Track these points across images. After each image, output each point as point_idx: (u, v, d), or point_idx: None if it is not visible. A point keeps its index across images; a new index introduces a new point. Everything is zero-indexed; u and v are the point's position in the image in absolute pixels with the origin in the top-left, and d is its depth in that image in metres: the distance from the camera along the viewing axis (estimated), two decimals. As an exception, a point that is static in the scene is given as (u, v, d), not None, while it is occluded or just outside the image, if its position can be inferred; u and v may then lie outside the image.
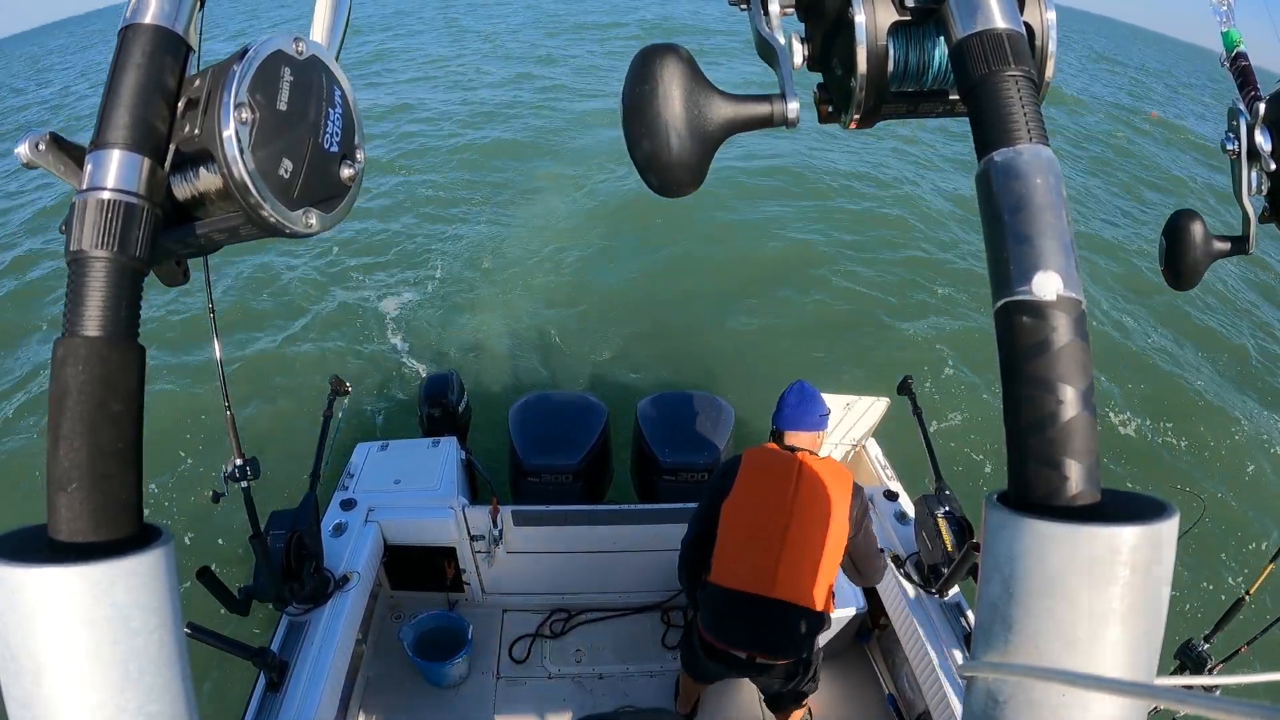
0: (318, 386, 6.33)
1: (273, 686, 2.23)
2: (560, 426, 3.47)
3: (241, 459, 2.06)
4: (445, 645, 3.00)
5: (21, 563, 0.40)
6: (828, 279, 8.61)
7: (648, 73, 0.55)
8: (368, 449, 3.37)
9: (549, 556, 3.21)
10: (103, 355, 0.44)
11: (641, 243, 9.14)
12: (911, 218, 10.64)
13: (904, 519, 3.05)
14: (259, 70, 0.50)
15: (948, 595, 2.70)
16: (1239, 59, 0.94)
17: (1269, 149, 0.83)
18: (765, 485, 2.34)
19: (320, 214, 0.55)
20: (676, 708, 3.00)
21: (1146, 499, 0.43)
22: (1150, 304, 9.03)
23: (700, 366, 6.70)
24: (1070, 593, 0.40)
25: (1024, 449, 0.44)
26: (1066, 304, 0.43)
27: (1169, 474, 6.12)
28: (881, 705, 3.07)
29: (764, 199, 10.72)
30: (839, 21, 0.59)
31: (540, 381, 6.43)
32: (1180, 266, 0.91)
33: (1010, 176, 0.46)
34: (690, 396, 3.66)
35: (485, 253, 9.01)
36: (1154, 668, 0.42)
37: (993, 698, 0.43)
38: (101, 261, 0.45)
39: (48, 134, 0.48)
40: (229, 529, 4.64)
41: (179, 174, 0.50)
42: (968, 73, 0.49)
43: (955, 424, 6.13)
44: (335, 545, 2.79)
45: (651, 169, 0.56)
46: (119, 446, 0.44)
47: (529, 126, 14.33)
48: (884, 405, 3.49)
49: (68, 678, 0.40)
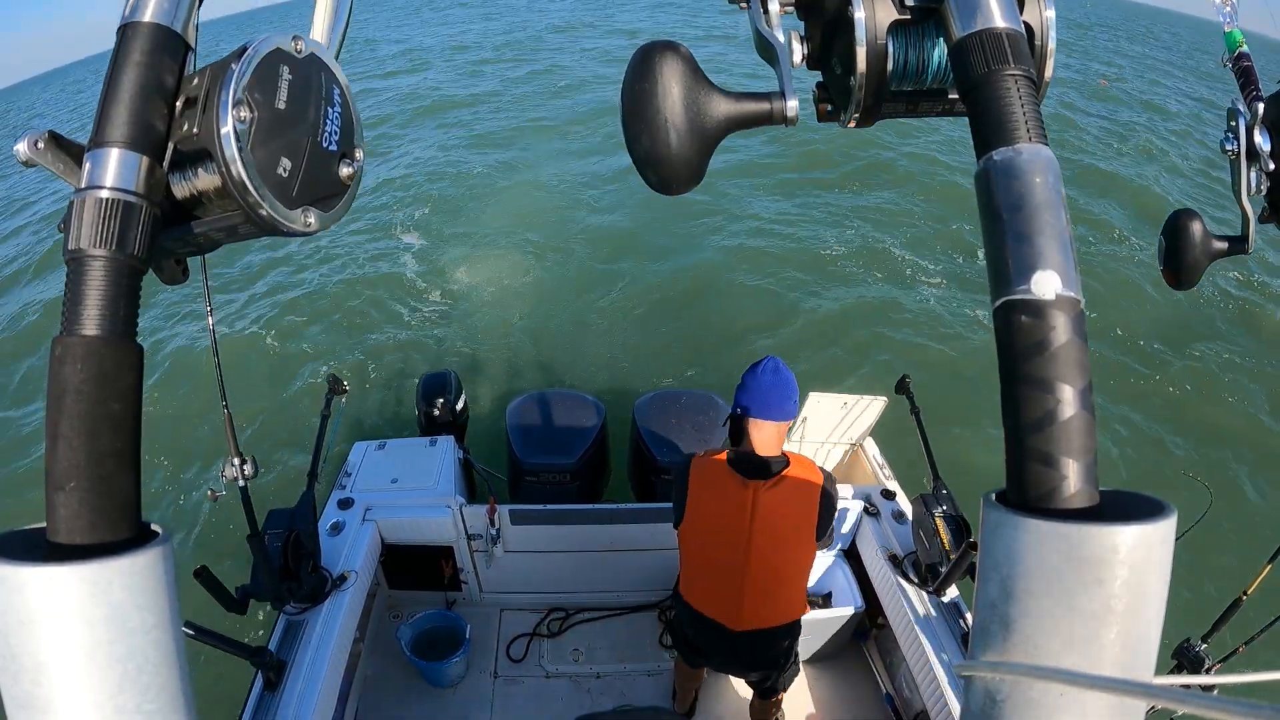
0: (315, 385, 6.34)
1: (270, 686, 2.22)
2: (558, 426, 3.47)
3: (239, 458, 2.05)
4: (443, 644, 3.00)
5: (20, 562, 0.40)
6: (826, 278, 8.61)
7: (647, 70, 0.55)
8: (365, 448, 3.36)
9: (546, 556, 3.21)
10: (101, 354, 0.44)
11: (640, 242, 9.15)
12: (911, 217, 10.64)
13: (901, 518, 3.06)
14: (258, 69, 0.50)
15: (945, 595, 2.70)
16: (1241, 59, 0.94)
17: (1268, 149, 0.83)
18: (718, 515, 2.13)
19: (319, 213, 0.55)
20: (675, 706, 3.00)
21: (1145, 499, 0.43)
22: (1150, 303, 9.04)
23: (698, 365, 6.71)
24: (1068, 592, 0.40)
25: (1022, 448, 0.44)
26: (1065, 303, 0.43)
27: (1169, 473, 6.13)
28: (879, 704, 3.07)
29: (764, 199, 10.72)
30: (838, 20, 0.59)
31: (538, 381, 6.43)
32: (1180, 266, 0.91)
33: (1009, 176, 0.46)
34: (688, 395, 3.66)
35: (485, 252, 9.01)
36: (1152, 667, 0.42)
37: (990, 697, 0.43)
38: (100, 260, 0.45)
39: (46, 132, 0.48)
40: (226, 528, 4.64)
41: (178, 172, 0.50)
42: (967, 72, 0.49)
43: (953, 423, 6.13)
44: (333, 544, 2.79)
45: (650, 166, 0.56)
46: (117, 446, 0.44)
47: (528, 125, 14.32)
48: (881, 404, 3.49)
49: (66, 677, 0.40)
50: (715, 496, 2.14)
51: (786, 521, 2.10)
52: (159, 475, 5.26)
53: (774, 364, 2.12)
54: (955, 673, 2.39)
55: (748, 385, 2.12)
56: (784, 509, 2.10)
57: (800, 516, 2.11)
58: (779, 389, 2.08)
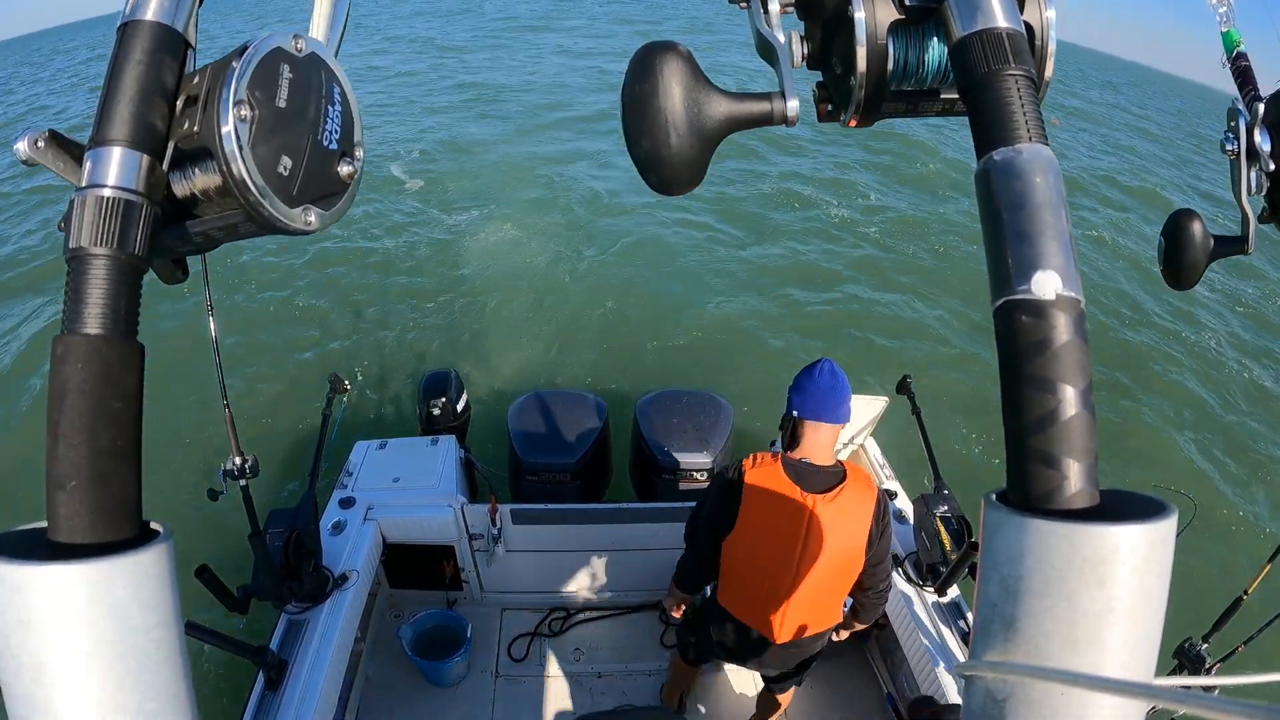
0: (317, 385, 6.33)
1: (272, 685, 2.22)
2: (559, 425, 3.47)
3: (240, 457, 2.06)
4: (444, 644, 3.00)
5: (21, 561, 0.40)
6: (827, 278, 8.61)
7: (647, 70, 0.55)
8: (366, 447, 3.36)
9: (548, 555, 3.21)
10: (102, 353, 0.44)
11: (641, 242, 9.14)
12: (910, 217, 10.64)
13: (903, 518, 3.06)
14: (258, 67, 0.50)
15: (946, 595, 2.70)
16: (1239, 59, 0.94)
17: (1268, 149, 0.83)
18: (773, 526, 2.06)
19: (319, 211, 0.55)
20: (663, 699, 3.00)
21: (1145, 498, 0.43)
22: (1148, 302, 9.03)
23: (699, 365, 6.71)
24: (1069, 592, 0.40)
25: (1023, 448, 0.44)
26: (1066, 303, 0.43)
27: (1168, 473, 6.13)
28: (880, 704, 3.07)
29: (764, 198, 10.71)
30: (839, 20, 0.59)
31: (540, 380, 6.43)
32: (1179, 266, 0.91)
33: (1010, 175, 0.46)
34: (690, 395, 3.65)
35: (485, 251, 9.01)
36: (1152, 667, 0.42)
37: (992, 697, 0.43)
38: (101, 259, 0.45)
39: (47, 131, 0.48)
40: (228, 527, 4.62)
41: (178, 171, 0.50)
42: (968, 71, 0.49)
43: (954, 423, 6.13)
44: (334, 544, 2.79)
45: (650, 167, 0.56)
46: (118, 444, 0.44)
47: (528, 122, 14.32)
48: (882, 404, 3.49)
49: (67, 676, 0.40)
50: (771, 507, 2.05)
51: (840, 537, 2.04)
52: (160, 474, 5.26)
53: (830, 366, 2.08)
54: (956, 673, 2.39)
55: (804, 387, 2.06)
56: (840, 524, 2.03)
57: (854, 533, 2.05)
58: (837, 391, 2.04)
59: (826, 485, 2.03)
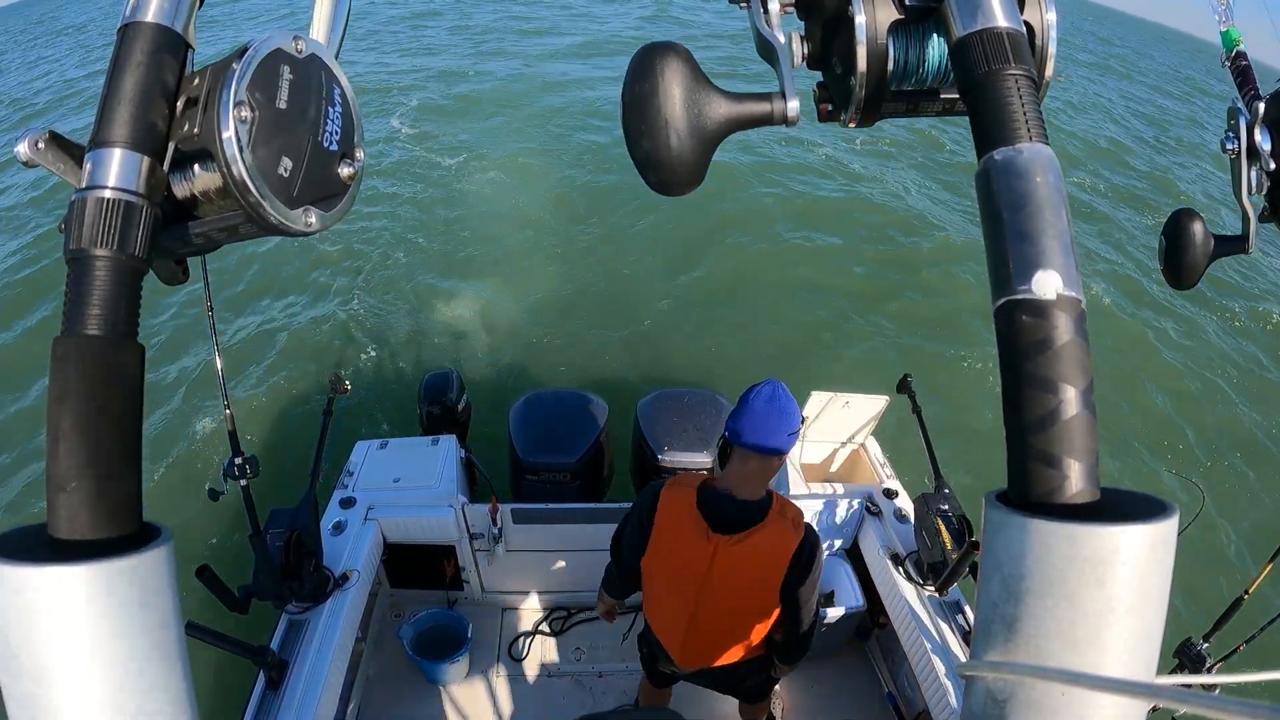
0: (317, 384, 6.34)
1: (272, 685, 2.23)
2: (560, 425, 3.47)
3: (240, 457, 2.06)
4: (445, 643, 3.00)
5: (21, 562, 0.40)
6: (828, 278, 8.61)
7: (647, 71, 0.55)
8: (367, 447, 3.37)
9: (548, 555, 3.21)
10: (102, 354, 0.44)
11: (642, 242, 9.14)
12: (910, 216, 10.64)
13: (903, 517, 3.06)
14: (259, 69, 0.50)
15: (947, 594, 2.70)
16: (1238, 58, 0.94)
17: (1269, 148, 0.83)
18: (676, 558, 1.96)
19: (320, 213, 0.55)
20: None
21: (1146, 498, 0.43)
22: (1147, 302, 9.03)
23: (700, 365, 6.70)
24: (1070, 591, 0.40)
25: (1024, 448, 0.44)
26: (1066, 303, 0.43)
27: (1167, 472, 6.13)
28: (881, 703, 3.07)
29: (764, 199, 10.71)
30: (839, 20, 0.59)
31: (540, 380, 6.43)
32: (1180, 266, 0.91)
33: (1010, 175, 0.46)
34: (690, 395, 3.65)
35: (486, 251, 9.01)
36: (1154, 667, 0.42)
37: (992, 697, 0.43)
38: (101, 260, 0.45)
39: (47, 132, 0.48)
40: (228, 527, 4.64)
41: (178, 173, 0.50)
42: (968, 71, 0.49)
43: (955, 422, 6.13)
44: (335, 543, 2.79)
45: (651, 167, 0.56)
46: (119, 445, 0.44)
47: (527, 121, 14.30)
48: (883, 403, 3.49)
49: (68, 676, 0.40)
50: (675, 540, 1.93)
51: (743, 583, 1.90)
52: (160, 474, 5.27)
53: (773, 390, 1.79)
54: (957, 672, 2.39)
55: (739, 408, 1.82)
56: (741, 571, 1.88)
57: (758, 580, 1.90)
58: (773, 418, 1.76)
59: (738, 525, 1.85)
